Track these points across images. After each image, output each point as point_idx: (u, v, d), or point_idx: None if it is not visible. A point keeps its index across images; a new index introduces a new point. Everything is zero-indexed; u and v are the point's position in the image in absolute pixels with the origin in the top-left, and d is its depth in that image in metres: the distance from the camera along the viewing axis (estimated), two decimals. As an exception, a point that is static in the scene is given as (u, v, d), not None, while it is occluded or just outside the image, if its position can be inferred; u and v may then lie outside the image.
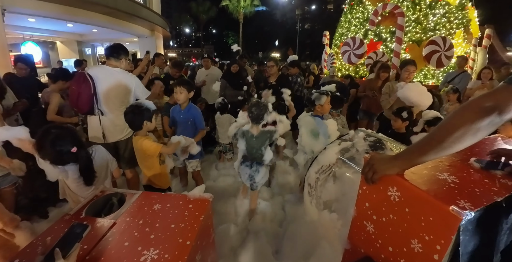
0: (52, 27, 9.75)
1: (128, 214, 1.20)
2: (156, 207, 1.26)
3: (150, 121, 1.90)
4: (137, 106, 1.88)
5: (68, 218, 1.20)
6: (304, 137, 2.31)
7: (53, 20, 8.13)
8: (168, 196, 1.44)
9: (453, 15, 5.56)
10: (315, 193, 1.63)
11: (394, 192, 0.85)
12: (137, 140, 1.92)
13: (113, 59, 2.29)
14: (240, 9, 31.22)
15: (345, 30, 6.83)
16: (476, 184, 0.83)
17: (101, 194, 1.42)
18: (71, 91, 2.24)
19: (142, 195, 1.39)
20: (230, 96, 4.29)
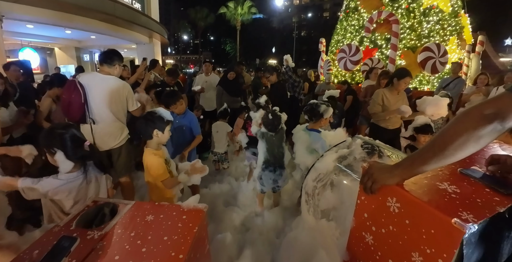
0: (50, 34, 9.77)
1: (119, 226, 1.15)
2: (149, 218, 1.21)
3: (162, 132, 1.73)
4: (150, 113, 1.77)
5: (57, 230, 1.15)
6: (299, 154, 2.15)
7: (51, 26, 8.16)
8: (161, 207, 1.39)
9: (447, 22, 5.67)
10: (313, 202, 1.60)
11: (393, 203, 0.82)
12: (146, 154, 1.77)
13: (106, 66, 2.23)
14: (238, 17, 31.72)
15: (341, 37, 6.92)
16: (477, 194, 0.81)
17: (93, 204, 1.36)
18: (61, 100, 2.20)
19: (135, 205, 1.35)
20: (227, 102, 4.28)
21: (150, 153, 1.74)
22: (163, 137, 1.77)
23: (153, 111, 1.77)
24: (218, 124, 3.47)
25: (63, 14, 7.31)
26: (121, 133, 2.32)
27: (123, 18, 8.94)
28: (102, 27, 9.02)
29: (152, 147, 1.78)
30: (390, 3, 5.89)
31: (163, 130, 1.74)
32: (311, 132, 2.15)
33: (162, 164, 1.74)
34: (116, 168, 2.36)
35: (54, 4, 6.56)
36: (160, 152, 1.80)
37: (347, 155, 1.40)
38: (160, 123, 1.72)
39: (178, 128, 2.46)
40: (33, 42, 11.08)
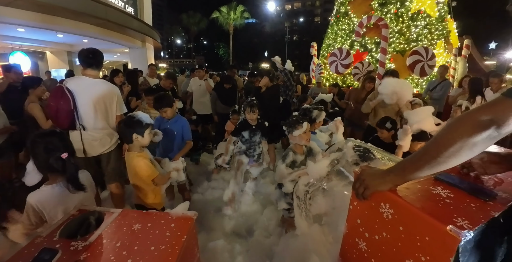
0: (41, 37, 9.59)
1: (105, 236, 1.11)
2: (136, 227, 1.17)
3: (141, 136, 1.72)
4: (129, 117, 1.76)
5: (39, 241, 1.09)
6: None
7: (42, 30, 8.00)
8: (149, 215, 1.35)
9: (434, 27, 5.81)
10: (305, 206, 1.58)
11: (386, 209, 0.79)
12: (130, 157, 1.75)
13: (90, 69, 2.15)
14: (230, 21, 31.91)
15: (332, 41, 7.01)
16: (471, 199, 0.79)
17: (78, 213, 1.31)
18: (49, 107, 2.09)
19: (122, 214, 1.30)
20: (221, 108, 4.28)
21: (135, 156, 1.72)
22: (143, 141, 1.75)
23: (132, 115, 1.76)
24: None
25: (54, 18, 7.17)
26: (110, 139, 2.25)
27: (115, 22, 8.85)
28: (94, 31, 8.89)
29: (134, 150, 1.76)
30: (379, 8, 6.01)
31: (142, 134, 1.72)
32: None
33: (149, 163, 1.72)
34: (105, 174, 2.29)
35: (45, 7, 6.43)
36: (144, 154, 1.79)
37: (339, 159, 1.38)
38: (139, 127, 1.71)
39: (168, 132, 2.41)
40: (24, 45, 10.82)
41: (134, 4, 12.54)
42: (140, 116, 1.74)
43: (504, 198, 0.81)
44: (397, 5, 5.85)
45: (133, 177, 1.80)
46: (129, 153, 1.76)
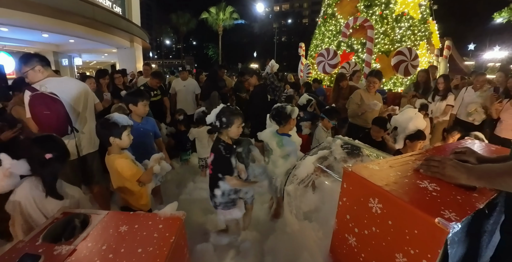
0: (26, 37, 9.25)
1: (90, 239, 1.06)
2: (123, 229, 1.13)
3: (119, 138, 1.65)
4: (104, 119, 1.68)
5: (21, 246, 1.04)
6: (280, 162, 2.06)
7: (27, 29, 7.72)
8: (136, 216, 1.31)
9: (417, 28, 6.00)
10: (295, 203, 1.57)
11: (375, 203, 0.80)
12: (110, 160, 1.68)
13: (51, 69, 2.08)
14: (220, 22, 31.79)
15: (320, 42, 7.10)
16: (457, 191, 0.80)
17: (62, 216, 1.26)
18: (44, 116, 1.94)
19: (108, 216, 1.26)
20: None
21: (116, 158, 1.65)
22: (121, 143, 1.67)
23: (107, 117, 1.67)
24: (200, 130, 3.37)
25: (39, 17, 6.91)
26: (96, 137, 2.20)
27: (103, 21, 8.60)
28: (81, 31, 8.61)
29: (114, 152, 1.68)
30: (365, 10, 6.14)
31: (119, 136, 1.64)
32: (283, 137, 2.06)
33: (132, 163, 1.67)
34: (90, 173, 2.24)
35: (29, 6, 6.17)
36: (124, 155, 1.73)
37: (327, 156, 1.38)
38: (115, 130, 1.63)
39: (144, 135, 2.31)
40: (7, 46, 10.36)
41: (122, 4, 12.26)
42: (116, 118, 1.65)
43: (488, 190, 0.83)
44: (381, 7, 6.00)
45: (117, 180, 1.74)
46: (109, 156, 1.69)
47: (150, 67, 5.04)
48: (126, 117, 1.71)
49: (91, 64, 19.21)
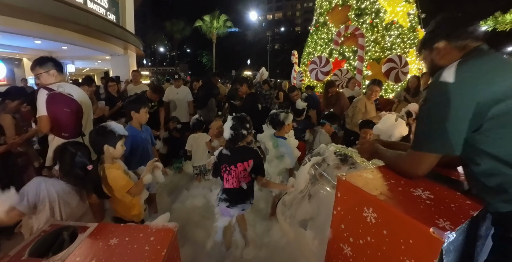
0: (18, 44, 9.10)
1: (79, 253, 1.02)
2: (113, 241, 1.09)
3: (113, 147, 1.62)
4: (101, 127, 1.65)
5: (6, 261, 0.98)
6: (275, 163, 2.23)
7: (19, 36, 7.59)
8: (127, 228, 1.26)
9: (406, 36, 6.16)
10: (290, 212, 1.55)
11: (370, 213, 0.78)
12: (103, 169, 1.66)
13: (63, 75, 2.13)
14: (213, 30, 32.11)
15: (312, 50, 7.22)
16: (450, 199, 0.80)
17: (50, 228, 1.22)
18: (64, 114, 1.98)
19: (98, 228, 1.22)
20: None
21: (107, 168, 1.62)
22: (115, 152, 1.64)
23: (104, 125, 1.64)
24: (195, 137, 3.33)
25: (32, 24, 6.82)
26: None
27: (96, 29, 8.56)
28: (75, 38, 8.52)
29: (106, 162, 1.65)
30: (355, 19, 6.30)
31: (114, 145, 1.61)
32: (279, 139, 2.24)
33: (122, 175, 1.62)
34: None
35: (22, 13, 6.09)
36: (117, 165, 1.68)
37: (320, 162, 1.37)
38: (111, 138, 1.60)
39: (145, 143, 2.31)
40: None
41: (116, 11, 12.27)
42: (113, 127, 1.63)
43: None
44: (372, 16, 6.16)
45: (108, 189, 1.69)
46: (100, 166, 1.66)
47: (139, 74, 5.00)
48: (122, 127, 1.70)
49: (84, 71, 19.05)
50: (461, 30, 0.87)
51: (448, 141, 0.79)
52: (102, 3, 10.65)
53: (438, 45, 0.92)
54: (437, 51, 0.93)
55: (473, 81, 0.76)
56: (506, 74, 0.78)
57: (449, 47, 0.90)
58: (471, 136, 0.79)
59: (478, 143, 0.79)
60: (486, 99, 0.74)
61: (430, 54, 0.97)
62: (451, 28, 0.89)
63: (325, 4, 7.01)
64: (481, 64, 0.80)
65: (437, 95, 0.82)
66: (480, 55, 0.83)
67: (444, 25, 0.92)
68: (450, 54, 0.89)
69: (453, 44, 0.89)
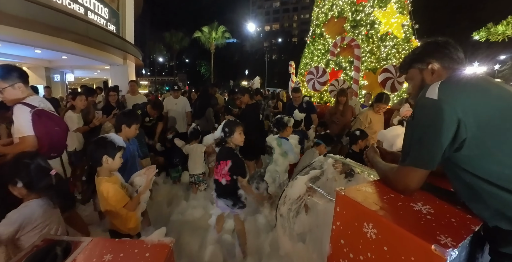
0: (18, 53, 9.17)
1: None
2: (107, 258, 1.05)
3: (112, 158, 1.61)
4: (101, 138, 1.65)
5: None
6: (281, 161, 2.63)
7: (19, 45, 7.66)
8: (122, 244, 1.22)
9: (401, 47, 6.29)
10: (288, 225, 1.52)
11: (370, 228, 0.76)
12: (98, 182, 1.63)
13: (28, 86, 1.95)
14: (212, 41, 32.64)
15: (309, 60, 7.33)
16: (451, 213, 0.78)
17: (43, 243, 1.16)
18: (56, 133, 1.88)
19: (92, 243, 1.18)
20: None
21: (104, 181, 1.59)
22: (113, 164, 1.62)
23: (104, 136, 1.64)
24: (192, 146, 3.33)
25: (33, 33, 6.88)
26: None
27: (96, 39, 8.66)
28: (74, 48, 8.59)
29: (103, 174, 1.62)
30: (351, 30, 6.44)
31: (113, 157, 1.60)
32: (281, 139, 2.69)
33: (119, 189, 1.59)
34: None
35: (23, 22, 6.15)
36: (114, 178, 1.66)
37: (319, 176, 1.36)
38: (111, 149, 1.59)
39: (133, 156, 2.31)
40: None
41: (116, 22, 12.50)
42: (113, 138, 1.64)
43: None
44: (367, 27, 6.31)
45: (104, 203, 1.67)
46: (97, 178, 1.63)
47: (137, 84, 5.05)
48: (122, 139, 1.69)
49: (84, 80, 19.15)
50: (452, 54, 0.95)
51: (431, 157, 0.82)
52: (102, 13, 10.86)
53: (432, 65, 0.98)
54: (430, 71, 0.99)
55: (455, 99, 0.79)
56: (486, 93, 0.82)
57: (441, 68, 0.96)
58: (453, 155, 0.82)
59: (459, 162, 0.82)
60: (467, 116, 0.77)
61: (420, 73, 1.03)
62: (443, 51, 0.97)
63: (321, 16, 7.18)
64: (463, 83, 0.85)
65: (421, 111, 0.85)
66: (463, 75, 0.90)
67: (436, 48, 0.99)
68: (441, 75, 0.96)
69: (445, 65, 0.96)
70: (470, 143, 0.78)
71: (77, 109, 3.21)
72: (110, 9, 11.64)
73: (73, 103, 3.21)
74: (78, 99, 3.18)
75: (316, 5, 7.57)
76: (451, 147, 0.80)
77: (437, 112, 0.79)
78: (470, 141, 0.78)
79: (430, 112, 0.81)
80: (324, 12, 7.09)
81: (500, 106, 0.79)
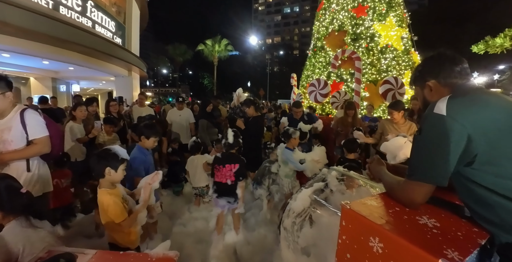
0: (26, 63, 9.38)
1: None
2: (111, 271, 1.04)
3: (115, 170, 1.60)
4: (105, 149, 1.65)
5: None
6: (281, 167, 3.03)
7: (28, 56, 7.87)
8: (126, 257, 1.22)
9: (401, 59, 6.39)
10: (292, 238, 1.50)
11: (376, 243, 0.76)
12: (101, 194, 1.62)
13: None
14: (215, 53, 33.35)
15: (310, 73, 7.44)
16: (457, 227, 0.78)
17: (47, 255, 1.18)
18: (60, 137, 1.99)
19: (96, 256, 1.18)
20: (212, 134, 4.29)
21: (105, 193, 1.58)
22: (116, 176, 1.61)
23: (108, 148, 1.64)
24: (194, 158, 3.34)
25: (41, 45, 7.11)
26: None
27: (102, 51, 8.91)
28: (81, 59, 8.84)
29: (105, 186, 1.62)
30: (352, 43, 6.58)
31: (116, 169, 1.59)
32: (285, 149, 2.97)
33: (119, 203, 1.57)
34: None
35: (33, 35, 6.38)
36: (116, 191, 1.65)
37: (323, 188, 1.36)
38: (114, 161, 1.59)
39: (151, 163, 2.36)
40: (7, 71, 10.36)
41: (122, 35, 12.90)
42: (117, 150, 1.63)
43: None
44: (367, 40, 6.45)
45: (104, 215, 1.65)
46: (99, 190, 1.62)
47: (145, 97, 5.13)
48: (125, 151, 1.69)
49: (89, 90, 19.47)
50: (448, 69, 0.95)
51: (440, 172, 0.82)
52: (109, 27, 11.23)
53: (429, 83, 0.99)
54: (428, 88, 1.00)
55: (464, 115, 0.80)
56: (495, 108, 0.82)
57: (438, 85, 0.97)
58: (464, 169, 0.82)
59: (471, 175, 0.82)
60: (477, 132, 0.78)
61: (421, 91, 1.04)
62: (439, 68, 0.97)
63: (322, 29, 7.37)
64: (471, 98, 0.85)
65: (430, 126, 0.85)
66: (468, 90, 0.90)
67: (432, 64, 1.00)
68: (441, 92, 0.96)
69: (442, 82, 0.96)
70: (481, 158, 0.78)
71: (78, 120, 3.23)
72: (116, 23, 12.05)
73: (74, 113, 3.23)
74: (78, 109, 3.20)
75: (317, 19, 7.78)
76: (461, 162, 0.80)
77: (445, 128, 0.79)
78: (481, 156, 0.78)
79: (439, 128, 0.81)
80: (324, 25, 7.28)
81: (509, 120, 0.79)
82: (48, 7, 7.50)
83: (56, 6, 7.82)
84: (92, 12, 9.75)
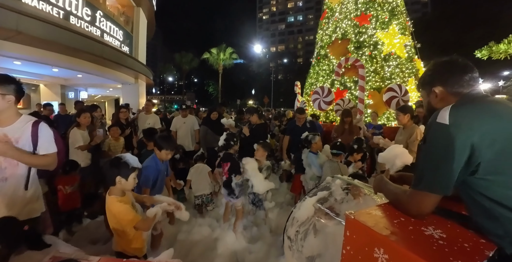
0: (37, 71, 9.60)
1: None
2: (113, 279, 1.04)
3: (126, 179, 1.62)
4: (116, 158, 1.68)
5: None
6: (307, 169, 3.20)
7: (39, 64, 8.06)
8: (129, 264, 1.22)
9: (404, 66, 6.39)
10: (296, 247, 1.48)
11: (381, 254, 0.75)
12: (109, 202, 1.64)
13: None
14: (220, 61, 33.88)
15: (314, 80, 7.48)
16: (463, 238, 0.77)
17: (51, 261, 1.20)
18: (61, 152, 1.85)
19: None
20: (211, 141, 4.31)
21: (115, 201, 1.59)
22: (126, 185, 1.63)
23: (120, 156, 1.67)
24: (198, 167, 3.36)
25: (52, 54, 7.29)
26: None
27: (110, 59, 9.13)
28: (90, 67, 9.04)
29: (116, 194, 1.63)
30: (355, 51, 6.61)
31: (127, 177, 1.62)
32: (309, 153, 3.17)
33: (130, 209, 1.59)
34: None
35: (45, 43, 6.56)
36: (125, 198, 1.66)
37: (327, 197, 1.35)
38: (125, 170, 1.61)
39: (162, 175, 2.43)
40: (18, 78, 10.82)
41: (130, 43, 13.23)
42: (128, 158, 1.65)
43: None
44: (370, 48, 6.48)
45: (113, 222, 1.66)
46: (109, 197, 1.64)
47: (152, 104, 5.20)
48: (137, 160, 1.71)
49: (96, 97, 19.83)
50: (457, 78, 0.93)
51: (443, 181, 0.82)
52: (117, 36, 11.54)
53: (436, 89, 0.97)
54: (434, 94, 0.99)
55: (467, 124, 0.79)
56: (499, 117, 0.81)
57: (445, 92, 0.96)
58: (469, 179, 0.81)
59: (476, 186, 0.81)
60: (480, 141, 0.77)
61: (427, 96, 1.03)
62: (448, 75, 0.95)
63: (325, 38, 7.44)
64: (474, 107, 0.85)
65: (433, 135, 0.85)
66: (473, 99, 0.89)
67: (442, 71, 0.98)
68: (447, 99, 0.95)
69: (449, 90, 0.94)
70: (485, 167, 0.78)
71: (82, 126, 3.23)
72: (124, 32, 12.39)
73: (78, 120, 3.23)
74: (82, 116, 3.21)
75: (320, 28, 7.88)
76: (465, 171, 0.80)
77: (448, 137, 0.79)
78: (485, 165, 0.78)
79: (442, 138, 0.81)
80: (328, 34, 7.36)
81: None
82: (59, 17, 7.77)
83: (67, 16, 8.09)
84: (101, 22, 10.05)
